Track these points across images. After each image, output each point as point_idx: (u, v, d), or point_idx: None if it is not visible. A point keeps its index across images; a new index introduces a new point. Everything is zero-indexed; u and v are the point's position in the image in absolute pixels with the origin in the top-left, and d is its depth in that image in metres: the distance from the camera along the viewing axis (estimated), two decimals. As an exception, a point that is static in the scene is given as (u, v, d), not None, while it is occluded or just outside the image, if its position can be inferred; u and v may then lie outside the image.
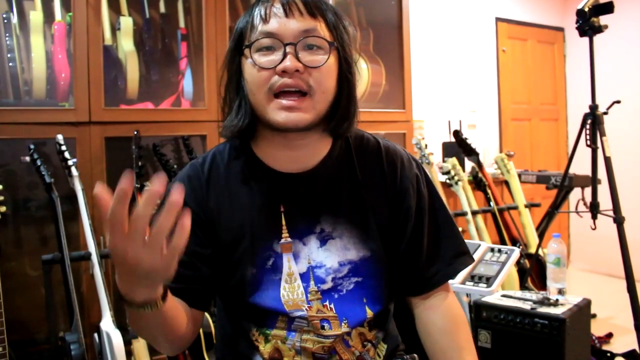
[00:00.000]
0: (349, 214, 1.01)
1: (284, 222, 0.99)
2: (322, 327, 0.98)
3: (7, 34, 2.20)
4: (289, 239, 0.99)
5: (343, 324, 0.98)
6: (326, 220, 1.00)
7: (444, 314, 1.05)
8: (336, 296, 0.99)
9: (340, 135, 1.03)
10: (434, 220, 1.07)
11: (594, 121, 2.38)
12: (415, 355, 1.09)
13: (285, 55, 0.91)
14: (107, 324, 1.90)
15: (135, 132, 2.23)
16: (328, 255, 0.99)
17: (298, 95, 0.93)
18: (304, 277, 0.98)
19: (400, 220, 1.04)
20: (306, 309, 0.97)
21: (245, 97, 0.98)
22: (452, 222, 1.10)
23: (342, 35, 0.98)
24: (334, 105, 0.98)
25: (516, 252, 2.13)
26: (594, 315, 3.27)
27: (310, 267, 0.98)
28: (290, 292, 0.98)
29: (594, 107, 2.39)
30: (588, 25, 2.32)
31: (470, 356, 1.02)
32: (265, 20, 0.94)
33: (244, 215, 0.99)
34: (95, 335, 1.94)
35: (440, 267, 1.05)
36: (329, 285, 0.98)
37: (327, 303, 0.98)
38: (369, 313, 1.01)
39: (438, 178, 3.00)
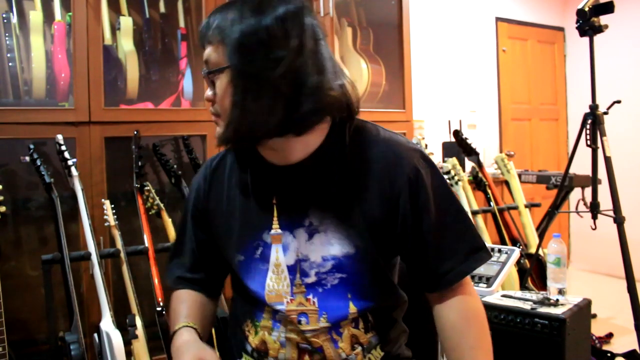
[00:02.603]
0: (336, 209, 0.99)
1: (275, 213, 1.01)
2: (299, 322, 0.99)
3: (7, 34, 2.20)
4: (279, 230, 1.00)
5: (322, 318, 0.98)
6: (314, 213, 0.99)
7: (457, 311, 1.01)
8: (320, 290, 0.99)
9: (301, 131, 0.96)
10: (441, 214, 1.00)
11: (594, 121, 2.38)
12: None
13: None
14: (107, 324, 1.90)
15: (135, 132, 2.23)
16: (313, 249, 0.99)
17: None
18: (291, 269, 0.99)
19: (395, 217, 0.99)
20: (287, 302, 0.99)
21: None
22: (465, 216, 1.04)
23: (240, 44, 0.90)
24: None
25: (516, 252, 2.13)
26: (594, 316, 3.26)
27: (298, 260, 0.99)
28: (276, 283, 1.00)
29: (594, 107, 2.39)
30: (588, 25, 2.32)
31: (483, 355, 0.98)
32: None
33: (237, 204, 1.04)
34: (95, 335, 1.94)
35: (454, 265, 1.00)
36: (312, 279, 0.99)
37: (310, 297, 0.99)
38: (352, 308, 0.99)
39: (438, 178, 3.00)
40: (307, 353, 0.99)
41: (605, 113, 2.39)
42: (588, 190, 2.49)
